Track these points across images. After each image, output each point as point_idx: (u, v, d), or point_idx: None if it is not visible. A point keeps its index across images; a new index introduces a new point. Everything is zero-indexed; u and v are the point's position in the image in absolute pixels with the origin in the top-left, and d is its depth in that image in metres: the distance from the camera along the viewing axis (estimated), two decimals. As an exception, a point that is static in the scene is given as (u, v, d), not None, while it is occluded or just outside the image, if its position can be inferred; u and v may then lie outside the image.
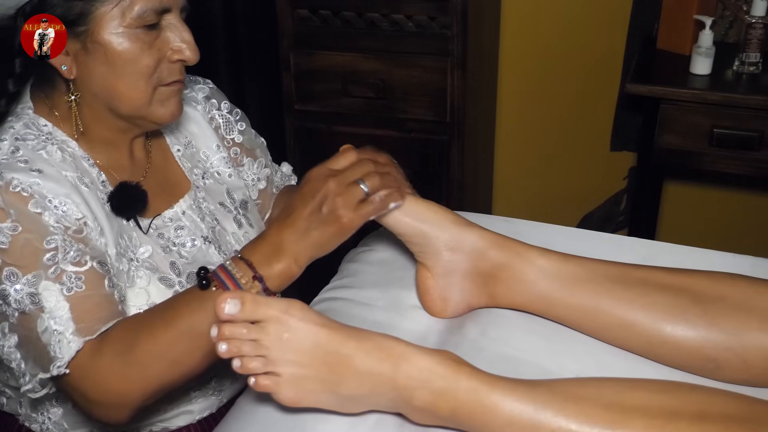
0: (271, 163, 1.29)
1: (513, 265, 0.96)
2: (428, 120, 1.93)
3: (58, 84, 0.99)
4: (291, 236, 0.91)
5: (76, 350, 0.89)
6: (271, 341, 0.77)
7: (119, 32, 0.94)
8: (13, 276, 0.90)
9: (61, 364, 0.89)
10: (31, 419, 1.11)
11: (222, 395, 1.16)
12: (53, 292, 0.90)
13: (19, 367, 0.93)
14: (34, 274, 0.90)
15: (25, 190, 0.92)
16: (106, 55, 0.95)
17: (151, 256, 1.03)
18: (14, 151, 0.95)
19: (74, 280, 0.91)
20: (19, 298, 0.90)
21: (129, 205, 1.03)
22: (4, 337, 0.94)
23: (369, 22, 1.88)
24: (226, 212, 1.15)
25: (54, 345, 0.89)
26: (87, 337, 0.90)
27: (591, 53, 2.20)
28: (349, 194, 0.90)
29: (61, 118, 1.01)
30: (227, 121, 1.21)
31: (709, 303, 0.87)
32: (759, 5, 1.74)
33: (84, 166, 1.01)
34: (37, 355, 0.91)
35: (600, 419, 0.73)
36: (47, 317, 0.90)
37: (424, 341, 0.94)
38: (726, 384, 0.86)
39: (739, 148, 1.74)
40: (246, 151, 1.23)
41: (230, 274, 0.91)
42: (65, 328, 0.89)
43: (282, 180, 1.32)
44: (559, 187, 2.39)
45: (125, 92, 0.97)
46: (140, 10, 0.94)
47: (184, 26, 0.99)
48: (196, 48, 0.99)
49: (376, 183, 0.91)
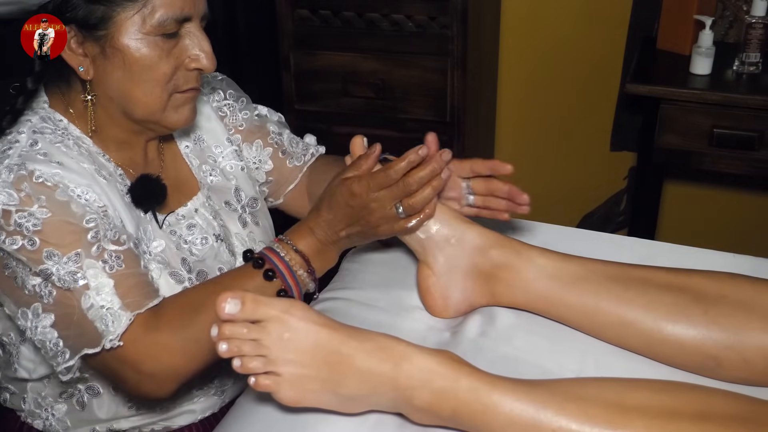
0: (289, 136, 1.26)
1: (513, 265, 0.96)
2: (428, 120, 1.93)
3: (74, 83, 1.00)
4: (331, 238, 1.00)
5: (127, 324, 0.91)
6: (272, 341, 0.78)
7: (138, 38, 0.94)
8: (54, 255, 0.91)
9: (113, 338, 0.91)
10: (34, 415, 1.11)
11: (224, 395, 1.16)
12: (96, 269, 0.92)
13: (56, 347, 0.94)
14: (77, 253, 0.91)
15: (48, 180, 0.92)
16: (124, 60, 0.95)
17: (164, 251, 1.04)
18: (33, 144, 0.96)
19: (114, 258, 0.93)
20: (63, 275, 0.91)
21: (149, 197, 1.04)
22: (37, 318, 0.94)
23: (369, 22, 1.88)
24: (231, 211, 1.15)
25: (103, 320, 0.91)
26: (136, 311, 0.92)
27: (591, 53, 2.20)
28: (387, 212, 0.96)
29: (76, 116, 1.01)
30: (232, 109, 1.21)
31: (710, 302, 0.87)
32: (759, 5, 1.74)
33: (100, 161, 1.01)
34: (80, 332, 0.92)
35: (600, 419, 0.73)
36: (93, 294, 0.91)
37: (424, 341, 0.94)
38: (726, 383, 0.86)
39: (739, 148, 1.74)
40: (245, 136, 1.21)
41: (289, 266, 0.98)
42: (112, 304, 0.91)
43: (304, 150, 1.27)
44: (559, 187, 2.39)
45: (141, 98, 0.98)
46: (161, 18, 0.94)
47: (203, 35, 0.99)
48: (214, 57, 1.00)
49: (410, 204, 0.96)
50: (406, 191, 0.95)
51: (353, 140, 1.01)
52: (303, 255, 0.99)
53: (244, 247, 1.13)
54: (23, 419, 1.13)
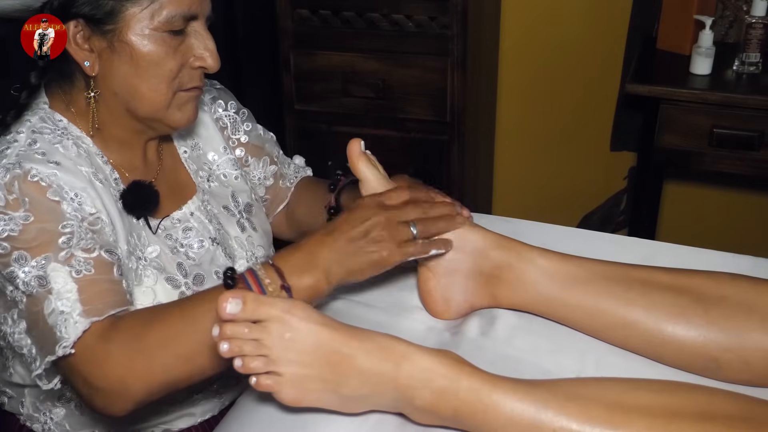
0: (281, 156, 1.28)
1: (514, 266, 0.96)
2: (428, 120, 1.93)
3: (77, 80, 1.00)
4: (328, 254, 0.90)
5: (82, 330, 0.88)
6: (273, 341, 0.77)
7: (146, 34, 0.95)
8: (22, 259, 0.90)
9: (66, 344, 0.87)
10: (33, 419, 1.11)
11: (224, 397, 1.16)
12: (61, 273, 0.90)
13: (30, 353, 0.93)
14: (44, 257, 0.90)
15: (43, 180, 0.92)
16: (131, 55, 0.95)
17: (159, 256, 1.03)
18: (31, 143, 0.96)
19: (83, 263, 0.91)
20: (27, 280, 0.89)
21: (141, 204, 1.03)
22: (14, 324, 0.94)
23: (369, 22, 1.88)
24: (229, 216, 1.15)
25: (60, 325, 0.88)
26: (94, 318, 0.89)
27: (591, 53, 2.20)
28: (397, 231, 0.92)
29: (78, 115, 1.01)
30: (234, 122, 1.21)
31: (711, 303, 0.87)
32: (759, 5, 1.74)
33: (98, 163, 1.01)
34: (43, 337, 0.90)
35: (601, 419, 0.73)
36: (54, 299, 0.89)
37: (425, 341, 0.94)
38: (727, 384, 0.86)
39: (739, 148, 1.74)
40: (251, 151, 1.22)
41: (258, 278, 0.89)
42: (72, 309, 0.88)
43: (296, 172, 1.29)
44: (559, 187, 2.39)
45: (146, 93, 0.98)
46: (169, 15, 0.95)
47: (208, 34, 1.00)
48: (218, 57, 1.01)
49: (425, 229, 0.93)
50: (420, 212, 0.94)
51: (350, 145, 0.97)
52: (278, 269, 0.89)
53: (243, 250, 1.13)
54: (22, 422, 1.13)
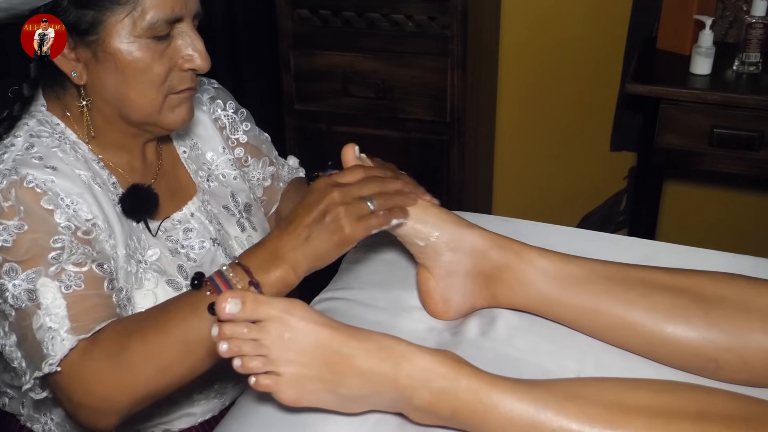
0: (277, 157, 1.28)
1: (513, 266, 0.96)
2: (428, 120, 1.93)
3: (69, 88, 0.99)
4: (290, 244, 0.90)
5: (69, 348, 0.87)
6: (272, 341, 0.77)
7: (130, 42, 0.93)
8: (13, 271, 0.89)
9: (53, 362, 0.87)
10: (33, 420, 1.11)
11: (224, 398, 1.16)
12: (51, 289, 0.89)
13: (20, 366, 0.93)
14: (34, 270, 0.89)
15: (39, 186, 0.92)
16: (117, 64, 0.94)
17: (159, 259, 1.03)
18: (29, 147, 0.95)
19: (73, 278, 0.90)
20: (17, 293, 0.89)
21: (140, 207, 1.02)
22: (6, 336, 0.93)
23: (369, 22, 1.88)
24: (229, 216, 1.15)
25: (47, 342, 0.88)
26: (81, 335, 0.88)
27: (591, 53, 2.20)
28: (353, 206, 0.91)
29: (74, 120, 1.01)
30: (232, 122, 1.20)
31: (710, 303, 0.87)
32: (759, 5, 1.74)
33: (95, 168, 1.01)
34: (32, 352, 0.90)
35: (601, 419, 0.73)
36: (43, 314, 0.88)
37: (424, 341, 0.94)
38: (726, 384, 0.86)
39: (739, 148, 1.74)
40: (251, 151, 1.22)
41: (225, 278, 0.89)
42: (60, 326, 0.88)
43: (289, 173, 1.30)
44: (559, 187, 2.39)
45: (136, 100, 0.97)
46: (151, 20, 0.93)
47: (195, 34, 0.98)
48: (208, 56, 0.99)
49: (382, 202, 0.92)
50: (374, 186, 0.93)
51: (344, 150, 0.98)
52: (244, 266, 0.90)
53: (243, 250, 1.13)
54: (23, 423, 1.13)
